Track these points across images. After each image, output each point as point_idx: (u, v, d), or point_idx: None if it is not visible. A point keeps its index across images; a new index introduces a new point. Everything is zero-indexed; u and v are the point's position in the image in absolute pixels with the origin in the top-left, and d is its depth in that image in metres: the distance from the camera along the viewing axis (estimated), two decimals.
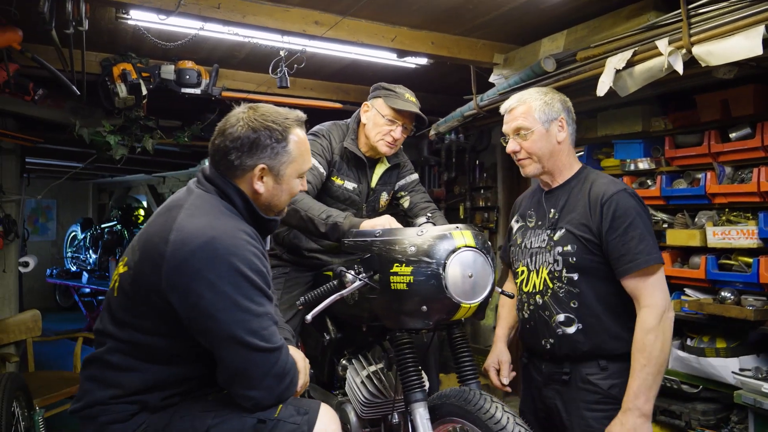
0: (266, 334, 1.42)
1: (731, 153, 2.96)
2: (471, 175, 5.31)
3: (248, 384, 1.42)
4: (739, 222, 2.94)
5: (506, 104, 1.97)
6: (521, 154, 1.93)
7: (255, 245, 1.47)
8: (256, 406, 1.45)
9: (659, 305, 1.71)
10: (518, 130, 1.91)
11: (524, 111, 1.90)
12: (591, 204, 1.81)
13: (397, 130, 2.29)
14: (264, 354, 1.41)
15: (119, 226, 8.11)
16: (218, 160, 1.56)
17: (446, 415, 1.66)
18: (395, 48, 3.23)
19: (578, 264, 1.80)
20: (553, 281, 1.85)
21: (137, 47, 3.60)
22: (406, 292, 1.59)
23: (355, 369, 2.06)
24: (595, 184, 1.85)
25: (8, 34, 2.57)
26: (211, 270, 1.38)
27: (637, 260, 1.71)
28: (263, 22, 2.84)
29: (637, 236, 1.72)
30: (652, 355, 1.68)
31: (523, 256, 1.97)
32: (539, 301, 1.89)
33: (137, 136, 4.00)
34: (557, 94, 1.96)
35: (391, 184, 2.53)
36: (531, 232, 1.98)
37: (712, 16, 2.30)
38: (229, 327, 1.38)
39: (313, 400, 1.60)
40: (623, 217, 1.74)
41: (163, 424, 1.47)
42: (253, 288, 1.42)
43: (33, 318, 4.07)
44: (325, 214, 2.00)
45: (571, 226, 1.83)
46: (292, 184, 1.60)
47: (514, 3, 2.86)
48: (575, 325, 1.80)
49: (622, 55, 2.63)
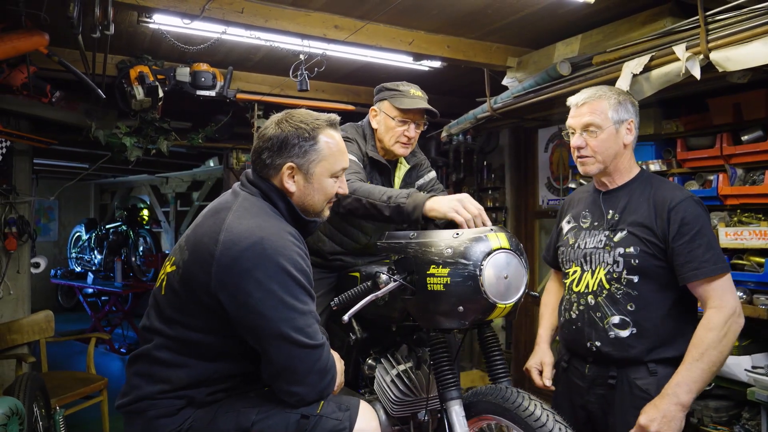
0: (310, 331, 1.47)
1: (743, 155, 3.02)
2: (479, 176, 5.36)
3: (293, 380, 1.46)
4: (751, 223, 3.00)
5: (577, 97, 1.91)
6: (586, 151, 1.87)
7: (299, 246, 1.52)
8: (300, 401, 1.49)
9: (728, 307, 1.67)
10: (588, 126, 1.85)
11: (596, 107, 1.84)
12: (657, 208, 1.77)
13: (411, 128, 2.26)
14: (309, 351, 1.46)
15: (124, 227, 8.10)
16: (255, 161, 1.63)
17: (481, 413, 1.70)
18: (412, 51, 3.28)
19: (640, 266, 1.77)
20: (610, 282, 1.82)
21: (154, 50, 3.63)
22: (443, 293, 1.63)
23: (384, 368, 2.09)
24: (660, 189, 1.82)
25: (35, 38, 2.61)
26: (260, 269, 1.43)
27: (703, 267, 1.69)
28: (285, 26, 2.88)
29: (704, 244, 1.70)
30: (708, 351, 1.64)
31: (576, 257, 1.93)
32: (591, 302, 1.86)
33: (152, 137, 4.03)
34: (629, 95, 1.93)
35: (411, 184, 2.52)
36: (586, 232, 1.94)
37: (729, 23, 2.36)
38: (276, 324, 1.43)
39: (352, 397, 1.63)
40: (692, 224, 1.72)
41: (209, 419, 1.51)
42: (299, 287, 1.47)
43: (46, 318, 4.09)
44: (386, 196, 1.90)
45: (634, 228, 1.79)
46: (324, 184, 1.62)
47: (531, 8, 2.91)
48: (630, 329, 1.78)
49: (640, 60, 2.68)
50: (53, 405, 3.30)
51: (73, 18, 2.35)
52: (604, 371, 1.84)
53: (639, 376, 1.78)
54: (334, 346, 2.44)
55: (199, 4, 2.65)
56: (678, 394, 1.65)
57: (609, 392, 1.83)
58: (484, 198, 5.36)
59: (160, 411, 1.50)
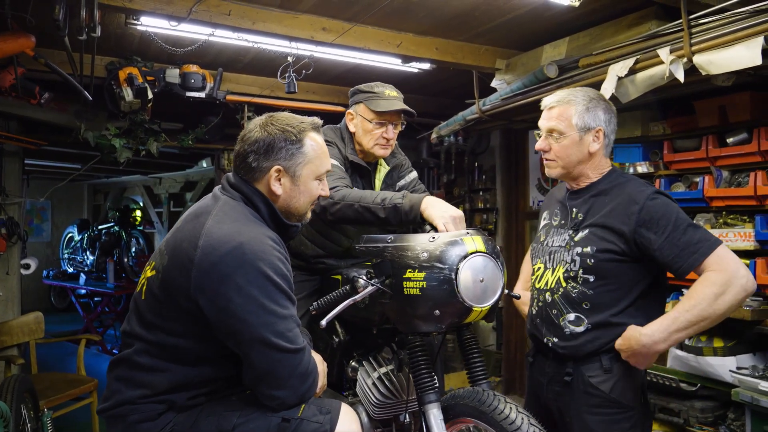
0: (291, 335, 1.47)
1: (728, 157, 3.04)
2: (470, 177, 5.38)
3: (275, 384, 1.47)
4: (736, 225, 3.03)
5: (547, 100, 1.90)
6: (548, 155, 1.88)
7: (280, 250, 1.52)
8: (281, 405, 1.49)
9: (729, 270, 1.61)
10: (552, 131, 1.85)
11: (563, 113, 1.83)
12: (621, 208, 1.76)
13: (389, 130, 2.24)
14: (289, 355, 1.46)
15: (117, 228, 8.09)
16: (239, 165, 1.62)
17: (459, 415, 1.70)
18: (400, 54, 3.29)
19: (595, 266, 1.77)
20: (567, 281, 1.83)
21: (143, 51, 3.63)
22: (419, 296, 1.63)
23: (365, 371, 2.10)
24: (625, 188, 1.81)
25: (21, 40, 2.60)
26: (240, 274, 1.43)
27: (700, 248, 1.64)
28: (272, 28, 2.88)
29: (689, 229, 1.67)
30: (699, 304, 1.61)
31: (543, 254, 1.96)
32: (548, 299, 1.88)
33: (142, 139, 4.03)
34: (603, 101, 1.88)
35: (393, 186, 2.51)
36: (554, 230, 1.96)
37: (712, 27, 2.37)
38: (256, 329, 1.43)
39: (333, 400, 1.64)
40: (665, 216, 1.69)
41: (190, 423, 1.51)
42: (279, 291, 1.47)
43: (36, 320, 4.08)
44: (379, 198, 1.90)
45: (596, 228, 1.79)
46: (310, 186, 1.63)
47: (518, 11, 2.92)
48: (584, 326, 1.79)
49: (625, 63, 2.69)
50: (41, 407, 3.29)
51: (59, 20, 2.34)
52: (561, 368, 1.85)
53: (593, 374, 1.78)
54: (318, 348, 2.46)
55: (186, 7, 2.65)
56: (652, 333, 1.66)
57: (565, 390, 1.83)
58: (475, 199, 5.38)
59: (141, 416, 1.50)
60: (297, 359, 1.47)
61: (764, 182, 2.87)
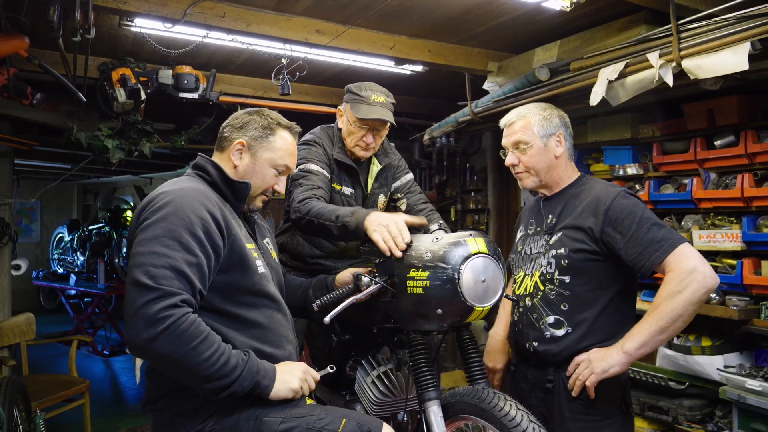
0: (155, 272, 1.37)
1: (716, 160, 3.10)
2: (462, 178, 5.42)
3: (124, 319, 1.40)
4: (724, 226, 3.08)
5: (506, 118, 2.00)
6: (519, 168, 1.96)
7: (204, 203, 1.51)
8: (128, 347, 1.41)
9: (686, 268, 1.63)
10: (517, 144, 1.94)
11: (523, 125, 1.93)
12: (590, 208, 1.82)
13: (368, 135, 2.26)
14: (141, 289, 1.36)
15: (107, 228, 8.04)
16: (217, 137, 1.74)
17: (458, 413, 1.73)
18: (393, 56, 3.32)
19: (570, 266, 1.81)
20: (544, 283, 1.88)
21: (136, 52, 3.63)
22: (422, 295, 1.67)
23: (365, 369, 2.12)
24: (592, 190, 1.88)
25: (15, 41, 2.60)
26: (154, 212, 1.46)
27: (662, 246, 1.67)
28: (267, 30, 2.90)
29: (652, 227, 1.71)
30: (661, 305, 1.64)
31: (524, 263, 2.00)
32: (528, 303, 1.92)
33: (134, 139, 4.02)
34: (555, 109, 1.99)
35: (387, 186, 2.52)
36: (531, 238, 2.01)
37: (701, 32, 2.42)
38: (135, 259, 1.41)
39: (374, 418, 1.61)
40: (631, 215, 1.74)
41: (230, 425, 1.50)
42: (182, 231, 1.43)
43: (27, 321, 4.06)
44: (334, 215, 1.94)
45: (567, 230, 1.85)
46: (265, 171, 1.69)
47: (510, 14, 2.96)
48: (564, 328, 1.82)
49: (615, 67, 2.74)
50: (34, 408, 3.28)
51: (53, 22, 2.34)
52: (542, 374, 1.87)
53: None
54: (317, 348, 2.48)
55: (181, 9, 2.66)
56: (623, 344, 1.67)
57: (548, 396, 1.85)
58: (467, 200, 5.42)
59: (176, 410, 1.50)
60: (146, 296, 1.35)
61: (751, 184, 2.93)
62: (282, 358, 1.61)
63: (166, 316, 1.34)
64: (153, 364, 1.42)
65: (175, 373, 1.41)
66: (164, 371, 1.43)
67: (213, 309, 1.51)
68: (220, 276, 1.52)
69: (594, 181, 1.97)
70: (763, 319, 2.86)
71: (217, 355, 1.39)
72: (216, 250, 1.49)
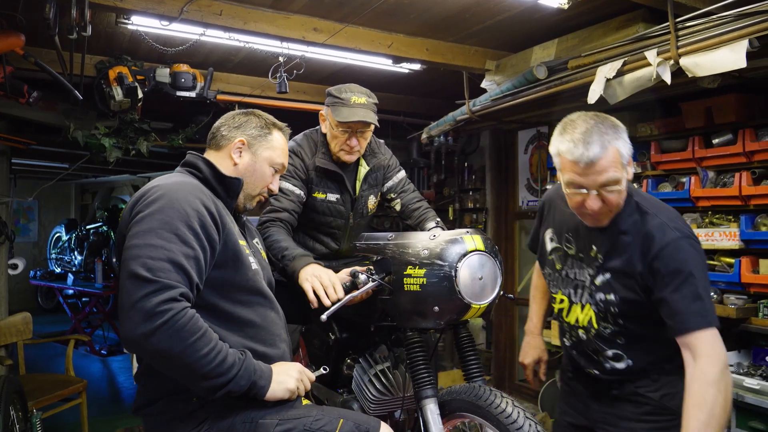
0: (153, 264, 1.33)
1: (714, 158, 3.10)
2: (460, 177, 5.41)
3: (120, 316, 1.34)
4: (722, 224, 3.08)
5: (588, 154, 1.52)
6: (602, 209, 1.59)
7: (204, 196, 1.51)
8: (123, 341, 1.35)
9: (720, 358, 1.48)
10: (607, 184, 1.54)
11: (613, 159, 1.53)
12: (640, 253, 1.60)
13: (352, 139, 2.22)
14: (138, 282, 1.31)
15: (105, 227, 8.03)
16: (210, 137, 1.73)
17: (455, 411, 1.73)
18: (391, 54, 3.31)
19: (621, 313, 1.65)
20: (598, 322, 1.71)
21: (133, 50, 3.62)
22: (419, 293, 1.67)
23: (362, 368, 2.12)
24: (645, 224, 1.61)
25: (11, 39, 2.59)
26: (148, 205, 1.44)
27: (690, 322, 1.50)
28: (264, 28, 2.89)
29: (690, 294, 1.51)
30: (714, 412, 1.43)
31: (565, 286, 1.80)
32: (583, 336, 1.76)
33: (132, 138, 4.01)
34: (616, 121, 1.60)
35: (378, 186, 2.47)
36: (572, 261, 1.77)
37: (698, 30, 2.42)
38: (130, 253, 1.37)
39: (371, 418, 1.60)
40: (677, 273, 1.53)
41: (226, 427, 1.48)
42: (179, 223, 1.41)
43: (24, 320, 4.05)
44: (281, 254, 1.98)
45: (616, 275, 1.65)
46: (265, 170, 1.71)
47: (508, 13, 2.95)
48: (625, 362, 1.69)
49: (613, 65, 2.73)
50: (30, 408, 3.27)
51: (49, 19, 2.34)
52: (606, 386, 1.78)
53: (641, 385, 1.72)
54: (314, 346, 2.48)
55: (178, 6, 2.65)
56: None
57: (612, 401, 1.77)
58: (465, 199, 5.42)
59: (171, 414, 1.48)
60: (144, 289, 1.30)
61: (749, 182, 2.93)
62: (276, 357, 1.60)
63: (165, 309, 1.30)
64: (149, 360, 1.37)
65: (172, 369, 1.37)
66: (160, 368, 1.40)
67: (207, 306, 1.49)
68: (214, 271, 1.49)
69: (645, 206, 1.66)
70: (761, 317, 2.87)
71: (215, 352, 1.36)
72: (212, 244, 1.47)
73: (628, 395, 1.73)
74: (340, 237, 2.40)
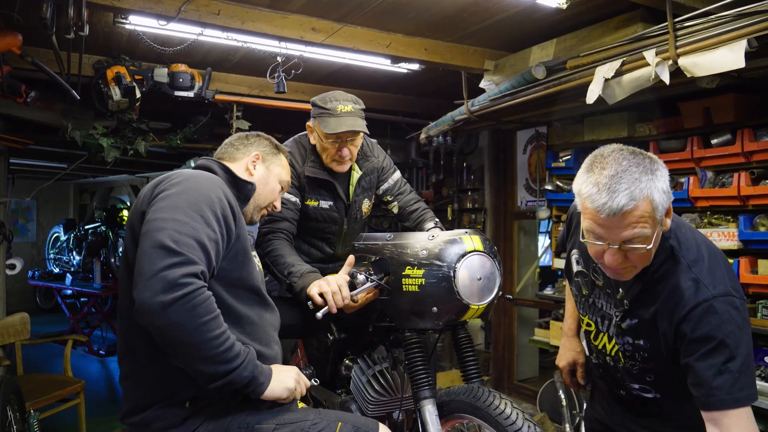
0: (180, 238, 1.34)
1: (713, 158, 3.10)
2: (458, 178, 5.41)
3: (138, 282, 1.31)
4: (720, 224, 3.08)
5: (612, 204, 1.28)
6: (623, 264, 1.39)
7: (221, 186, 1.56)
8: (136, 310, 1.30)
9: None
10: (632, 239, 1.32)
11: (643, 213, 1.30)
12: (668, 311, 1.42)
13: (343, 149, 2.18)
14: (163, 251, 1.31)
15: (104, 227, 8.01)
16: (223, 149, 1.81)
17: (454, 412, 1.73)
18: (390, 54, 3.30)
19: (651, 357, 1.51)
20: (625, 359, 1.58)
21: (131, 50, 3.61)
22: (417, 293, 1.67)
23: (360, 368, 2.12)
24: (676, 281, 1.42)
25: (8, 38, 2.58)
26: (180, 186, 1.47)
27: (713, 398, 1.33)
28: (262, 28, 2.88)
29: (717, 365, 1.33)
30: None
31: (592, 313, 1.66)
32: (610, 363, 1.64)
33: (130, 138, 4.01)
34: (656, 161, 1.37)
35: (372, 189, 2.44)
36: (599, 292, 1.61)
37: (697, 30, 2.42)
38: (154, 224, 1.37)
39: (370, 420, 1.61)
40: (706, 340, 1.35)
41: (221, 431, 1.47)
42: (210, 211, 1.44)
43: (21, 321, 4.04)
44: (287, 271, 1.99)
45: (643, 325, 1.50)
46: (274, 185, 1.81)
47: (507, 12, 2.95)
48: (653, 393, 1.58)
49: (611, 65, 2.73)
50: (28, 408, 3.26)
51: (46, 19, 2.33)
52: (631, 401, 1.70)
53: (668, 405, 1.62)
54: (313, 347, 2.48)
55: (175, 6, 2.65)
56: None
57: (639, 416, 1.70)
58: (464, 199, 5.41)
59: (164, 422, 1.46)
60: (170, 259, 1.30)
61: (747, 183, 2.93)
62: (270, 357, 1.60)
63: (187, 283, 1.30)
64: (158, 332, 1.31)
65: (178, 347, 1.32)
66: (166, 343, 1.34)
67: None
68: (223, 262, 1.50)
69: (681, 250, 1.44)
70: (759, 317, 2.86)
71: (224, 337, 1.36)
72: (229, 234, 1.50)
73: (654, 411, 1.64)
74: (335, 242, 2.39)
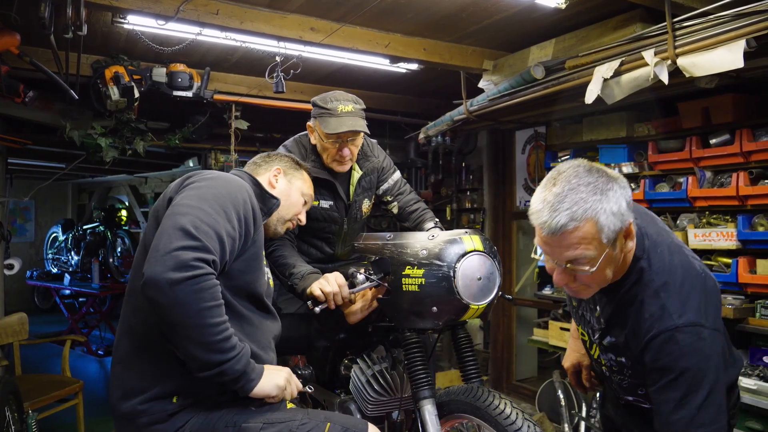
0: (201, 225, 1.38)
1: (711, 158, 3.10)
2: (457, 177, 5.41)
3: (151, 257, 1.34)
4: (719, 224, 3.08)
5: (551, 223, 1.27)
6: (574, 285, 1.38)
7: (250, 192, 1.62)
8: (144, 283, 1.32)
9: None
10: (574, 260, 1.31)
11: (585, 235, 1.26)
12: (633, 335, 1.40)
13: (344, 149, 2.18)
14: (181, 234, 1.35)
15: (102, 228, 8.00)
16: (248, 164, 1.93)
17: (453, 412, 1.73)
18: (388, 54, 3.30)
19: (636, 374, 1.48)
20: (612, 373, 1.56)
21: (130, 50, 3.61)
22: (417, 293, 1.67)
23: (360, 368, 2.11)
24: (642, 306, 1.37)
25: (6, 38, 2.58)
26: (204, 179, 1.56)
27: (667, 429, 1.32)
28: (261, 28, 2.88)
29: (675, 399, 1.29)
30: None
31: (583, 324, 1.65)
32: (605, 373, 1.61)
33: (128, 138, 4.00)
34: (613, 180, 1.31)
35: (372, 189, 2.44)
36: (585, 305, 1.61)
37: (696, 30, 2.42)
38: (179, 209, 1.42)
39: (359, 420, 1.62)
40: (664, 371, 1.31)
41: (208, 430, 1.48)
42: (233, 208, 1.50)
43: (20, 321, 4.03)
44: (288, 272, 2.02)
45: (618, 343, 1.47)
46: (297, 198, 1.89)
47: (506, 12, 2.95)
48: (648, 405, 1.52)
49: (610, 65, 2.73)
50: (26, 409, 3.26)
51: (44, 18, 2.32)
52: None
53: None
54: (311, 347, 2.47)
55: (174, 6, 2.64)
56: None
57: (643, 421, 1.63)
58: (463, 199, 5.41)
59: (150, 417, 1.47)
60: (187, 242, 1.34)
61: (746, 183, 2.93)
62: (265, 360, 1.60)
63: (198, 266, 1.33)
64: (161, 309, 1.32)
65: (178, 328, 1.33)
66: (167, 322, 1.34)
67: None
68: (235, 263, 1.53)
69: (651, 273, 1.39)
70: (758, 317, 2.87)
71: (223, 326, 1.38)
72: (247, 235, 1.54)
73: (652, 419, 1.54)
74: (335, 241, 2.39)
